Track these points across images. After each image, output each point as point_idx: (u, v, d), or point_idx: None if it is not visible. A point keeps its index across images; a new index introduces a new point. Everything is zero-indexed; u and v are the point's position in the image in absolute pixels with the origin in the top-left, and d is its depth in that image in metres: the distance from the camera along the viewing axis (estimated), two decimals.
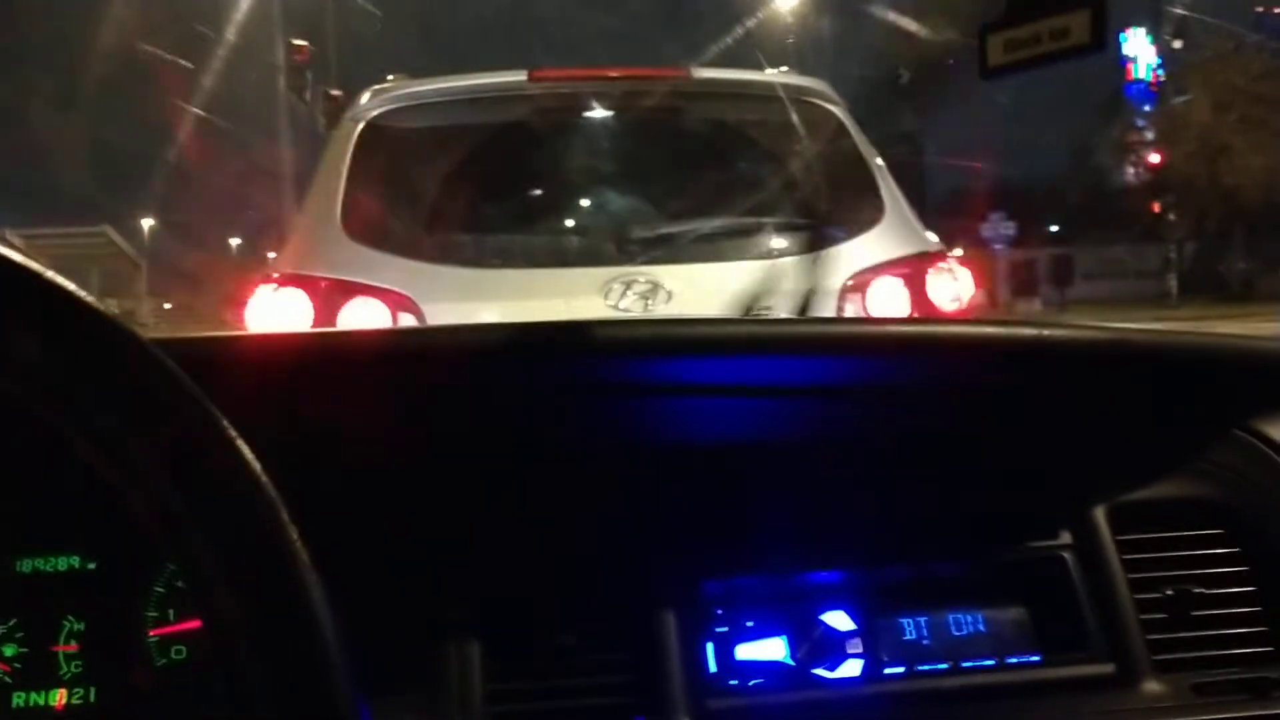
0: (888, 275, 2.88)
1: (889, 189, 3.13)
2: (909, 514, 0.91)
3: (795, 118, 3.26)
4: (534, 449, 0.89)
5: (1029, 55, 1.10)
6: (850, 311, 2.84)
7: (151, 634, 0.85)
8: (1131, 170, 34.49)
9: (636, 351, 0.88)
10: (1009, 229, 29.71)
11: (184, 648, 0.86)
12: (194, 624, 0.85)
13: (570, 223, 3.12)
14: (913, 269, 2.91)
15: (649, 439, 0.93)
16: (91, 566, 0.87)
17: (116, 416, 0.45)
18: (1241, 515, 0.93)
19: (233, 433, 0.46)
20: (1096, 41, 1.11)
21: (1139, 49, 39.26)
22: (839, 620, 0.89)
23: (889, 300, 2.86)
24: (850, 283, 2.87)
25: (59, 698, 0.84)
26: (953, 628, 0.89)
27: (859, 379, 0.92)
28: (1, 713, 0.83)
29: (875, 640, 0.88)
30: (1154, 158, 31.34)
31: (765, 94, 3.33)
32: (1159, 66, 38.24)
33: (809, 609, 0.89)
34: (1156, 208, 30.47)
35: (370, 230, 2.83)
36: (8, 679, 0.84)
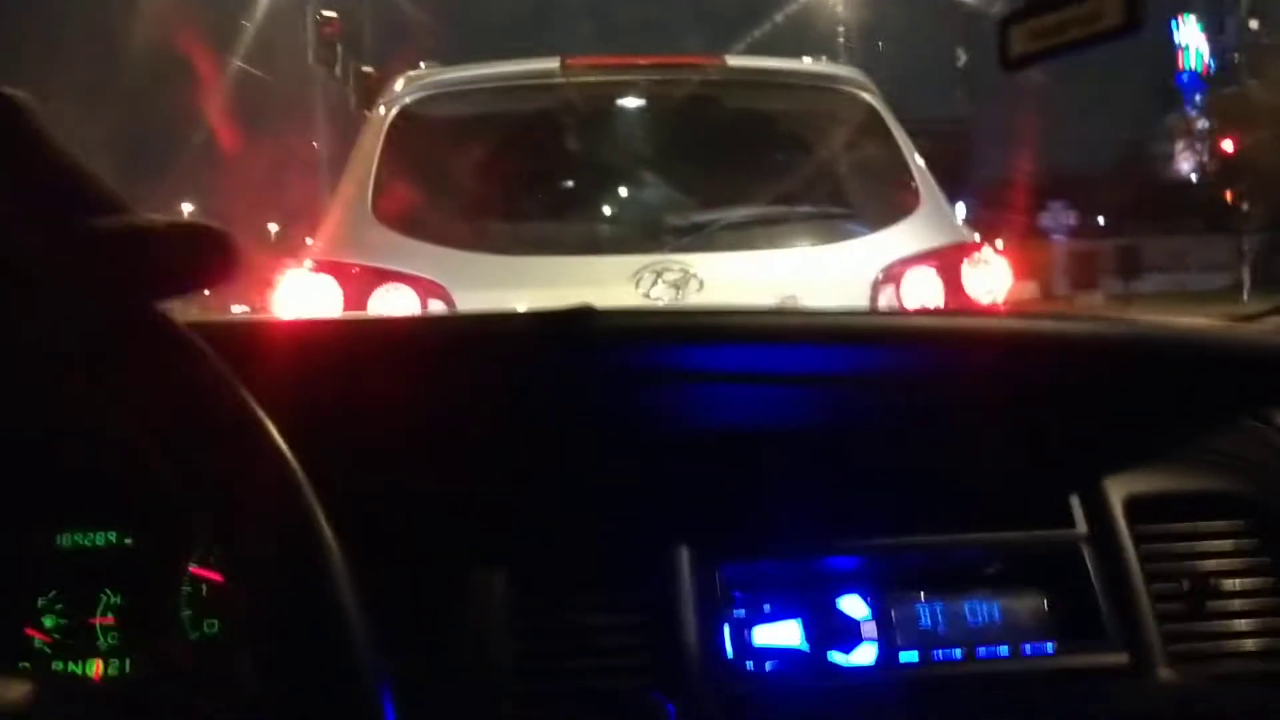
0: (922, 266, 2.85)
1: (924, 179, 3.09)
2: (926, 502, 0.92)
3: (829, 106, 3.25)
4: (557, 433, 0.91)
5: (1054, 43, 1.05)
6: (884, 302, 2.82)
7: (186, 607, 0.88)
8: (1194, 159, 32.89)
9: (658, 339, 0.90)
10: (1070, 218, 28.02)
11: (216, 622, 0.88)
12: (226, 600, 0.88)
13: (602, 210, 3.13)
14: (947, 260, 2.88)
15: (670, 424, 0.94)
16: (129, 542, 0.89)
17: (150, 396, 0.47)
18: (1260, 507, 0.93)
19: (260, 412, 0.48)
20: (1131, 22, 1.02)
21: (1190, 37, 38.31)
22: (854, 606, 0.90)
23: (923, 291, 2.83)
24: (884, 273, 2.85)
25: (96, 668, 0.87)
26: (968, 615, 0.90)
27: (880, 368, 0.93)
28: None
29: (890, 626, 0.89)
30: (1227, 145, 29.22)
31: (799, 83, 3.32)
32: (1215, 53, 37.21)
33: (825, 594, 0.90)
34: (1230, 196, 28.58)
35: (402, 217, 2.84)
36: (48, 649, 0.87)
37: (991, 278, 2.91)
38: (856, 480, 0.92)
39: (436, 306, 2.62)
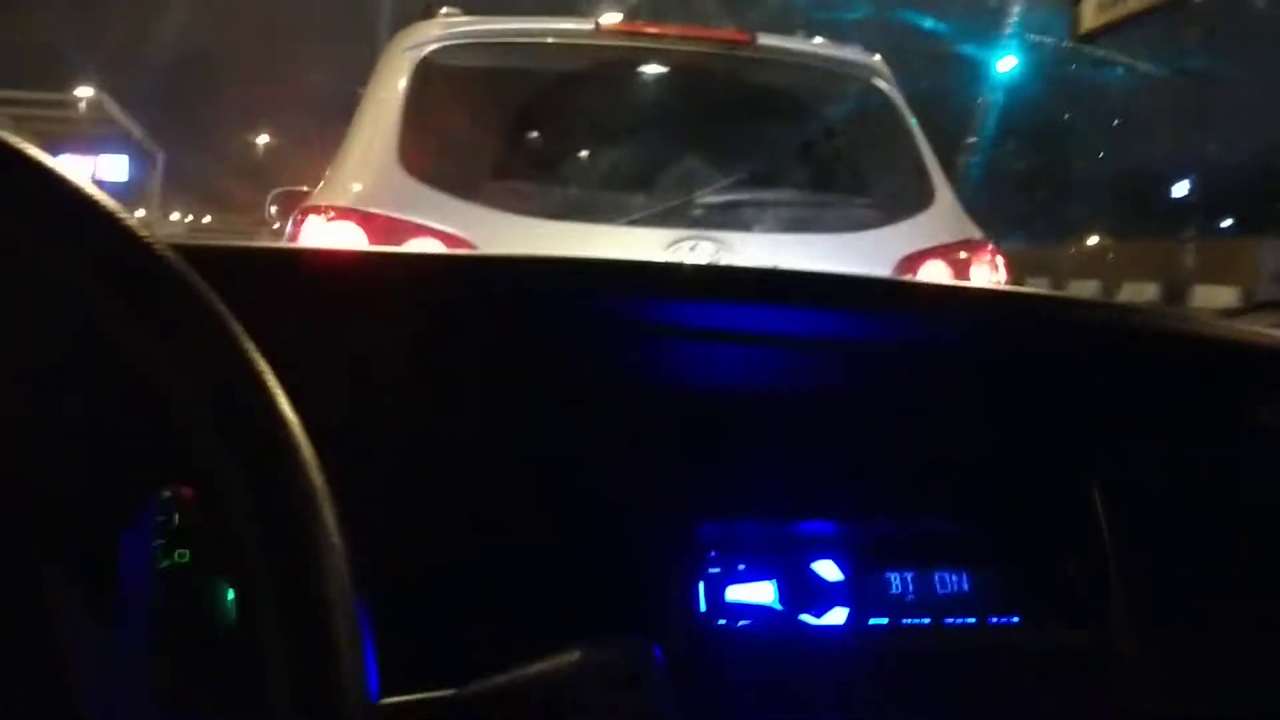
0: (936, 260, 2.91)
1: (937, 173, 3.15)
2: (904, 471, 0.93)
3: (851, 92, 3.27)
4: (536, 382, 0.92)
5: (1123, 13, 1.08)
6: None
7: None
8: None
9: (647, 292, 0.90)
10: None
11: (187, 552, 0.89)
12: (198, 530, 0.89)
13: (633, 180, 3.08)
14: (959, 255, 2.95)
15: (655, 381, 0.95)
16: None
17: (141, 335, 0.47)
18: (1239, 498, 0.93)
19: (261, 363, 0.47)
20: None
21: None
22: (828, 570, 0.91)
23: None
24: (902, 264, 2.90)
25: None
26: (938, 585, 0.91)
27: (868, 335, 0.94)
28: None
29: (861, 591, 0.91)
30: None
31: (825, 67, 3.33)
32: None
33: (800, 557, 0.92)
34: None
35: (430, 170, 2.78)
36: None
37: (996, 276, 3.00)
38: (838, 447, 0.93)
39: None
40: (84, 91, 23.50)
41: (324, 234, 2.66)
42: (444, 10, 3.22)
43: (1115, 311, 0.94)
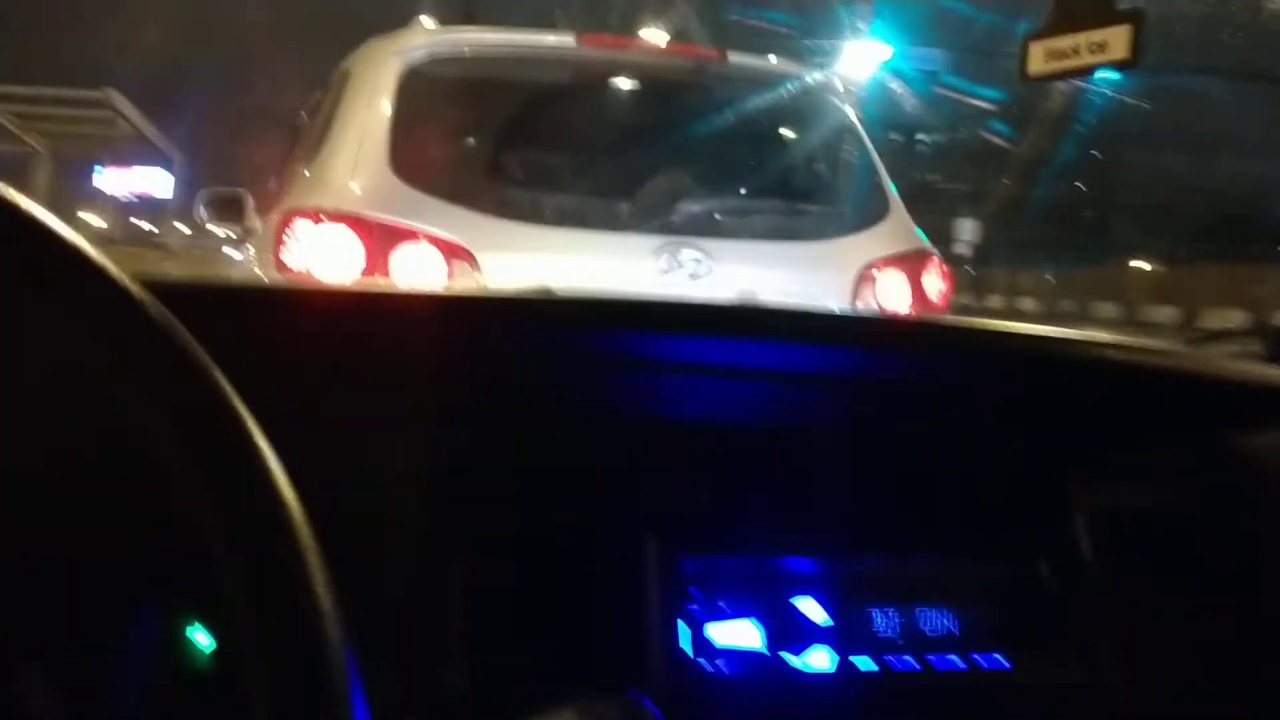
0: (894, 268, 3.07)
1: (890, 188, 3.33)
2: (889, 508, 0.92)
3: (811, 110, 3.42)
4: (521, 416, 0.90)
5: (1068, 66, 1.15)
6: (862, 298, 2.98)
7: None
8: None
9: (639, 326, 0.89)
10: None
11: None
12: None
13: (618, 187, 3.15)
14: (913, 265, 3.12)
15: (637, 413, 0.93)
16: None
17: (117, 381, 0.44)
18: (1222, 528, 0.93)
19: (235, 400, 0.45)
20: (1134, 57, 1.15)
21: None
22: (810, 607, 0.90)
23: (894, 291, 3.05)
24: (864, 272, 3.05)
25: None
26: (922, 623, 0.90)
27: (848, 370, 0.93)
28: None
29: (845, 629, 0.89)
30: None
31: (786, 85, 3.48)
32: None
33: (782, 594, 0.90)
34: None
35: (422, 175, 2.79)
36: None
37: (941, 285, 3.20)
38: (818, 482, 0.92)
39: (461, 268, 2.59)
40: (94, 92, 21.57)
41: (315, 237, 2.63)
42: (421, 20, 3.28)
43: (1090, 347, 0.93)
